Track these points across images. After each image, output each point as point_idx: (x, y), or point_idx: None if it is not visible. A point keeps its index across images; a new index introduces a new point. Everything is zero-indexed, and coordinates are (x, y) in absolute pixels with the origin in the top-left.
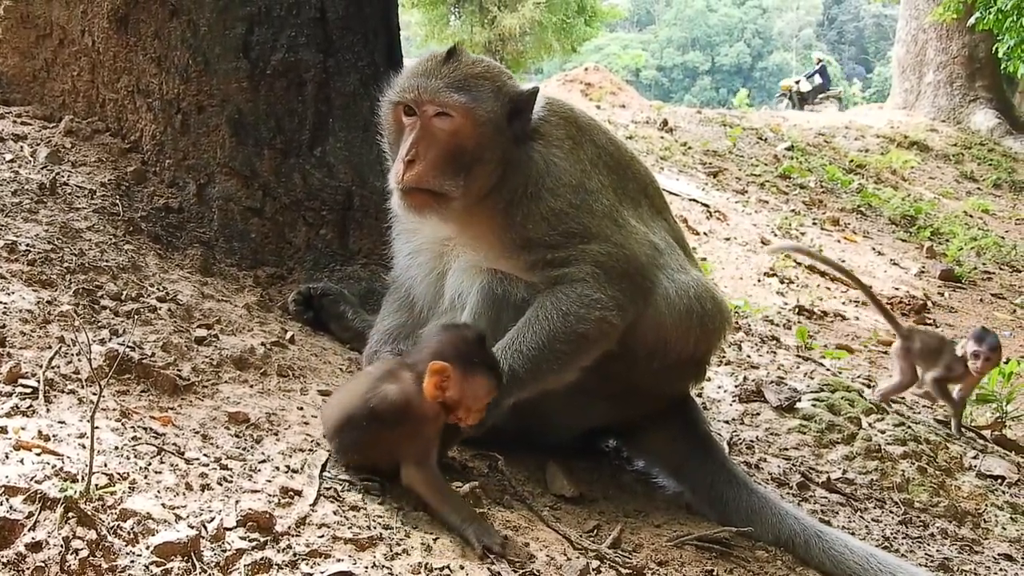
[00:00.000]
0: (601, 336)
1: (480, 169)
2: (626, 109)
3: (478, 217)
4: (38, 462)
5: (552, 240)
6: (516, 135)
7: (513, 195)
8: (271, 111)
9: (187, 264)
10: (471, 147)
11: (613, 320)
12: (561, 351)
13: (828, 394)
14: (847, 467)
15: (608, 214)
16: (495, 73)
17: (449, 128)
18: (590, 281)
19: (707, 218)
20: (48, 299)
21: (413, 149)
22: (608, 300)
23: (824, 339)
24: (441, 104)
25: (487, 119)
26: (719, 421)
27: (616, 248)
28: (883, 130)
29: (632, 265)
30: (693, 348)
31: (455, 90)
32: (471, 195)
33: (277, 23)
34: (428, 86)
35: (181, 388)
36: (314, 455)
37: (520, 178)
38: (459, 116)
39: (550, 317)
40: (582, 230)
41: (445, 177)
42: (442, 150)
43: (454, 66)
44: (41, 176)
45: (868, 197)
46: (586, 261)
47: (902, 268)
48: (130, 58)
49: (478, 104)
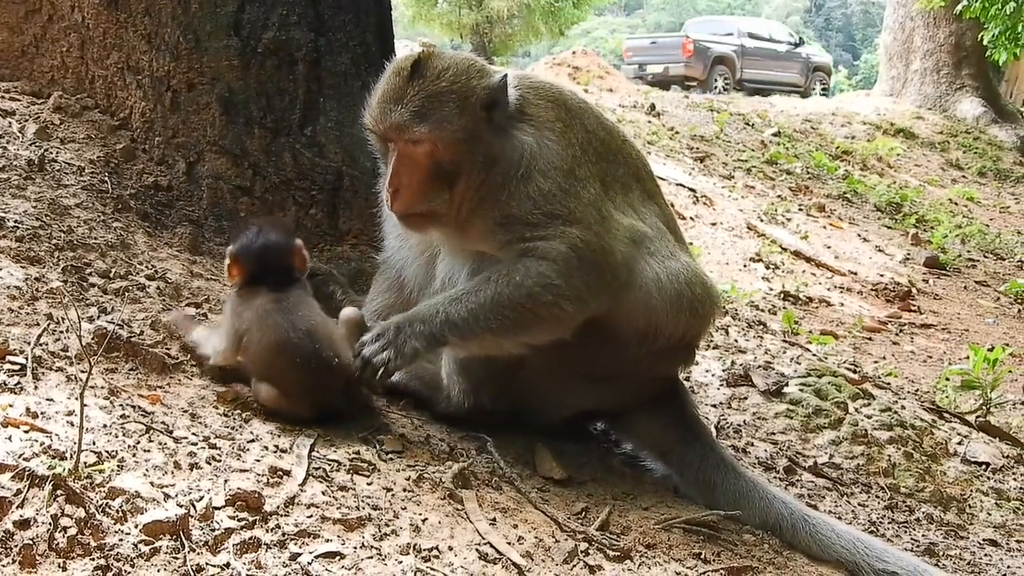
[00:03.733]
0: (550, 319)
1: (465, 178)
2: (614, 93)
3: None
4: (26, 439)
5: (534, 219)
6: (498, 125)
7: (504, 178)
8: (262, 90)
9: (176, 242)
10: (449, 164)
11: (566, 308)
12: (504, 316)
13: (815, 379)
14: (834, 452)
15: (594, 203)
16: (461, 82)
17: (424, 152)
18: (558, 263)
19: (694, 203)
20: (36, 276)
21: (396, 179)
22: (567, 288)
23: (809, 324)
24: (408, 136)
25: (458, 137)
26: (707, 405)
27: (595, 238)
28: (869, 117)
29: (606, 259)
30: (683, 332)
31: (419, 119)
32: (463, 200)
33: (268, 1)
34: (392, 120)
35: (170, 367)
36: (303, 435)
37: (511, 162)
38: (428, 143)
39: (499, 283)
40: (566, 214)
41: (430, 197)
42: (422, 174)
43: (418, 87)
44: (29, 152)
45: (854, 184)
46: (562, 241)
47: (887, 255)
48: (120, 35)
49: (444, 126)
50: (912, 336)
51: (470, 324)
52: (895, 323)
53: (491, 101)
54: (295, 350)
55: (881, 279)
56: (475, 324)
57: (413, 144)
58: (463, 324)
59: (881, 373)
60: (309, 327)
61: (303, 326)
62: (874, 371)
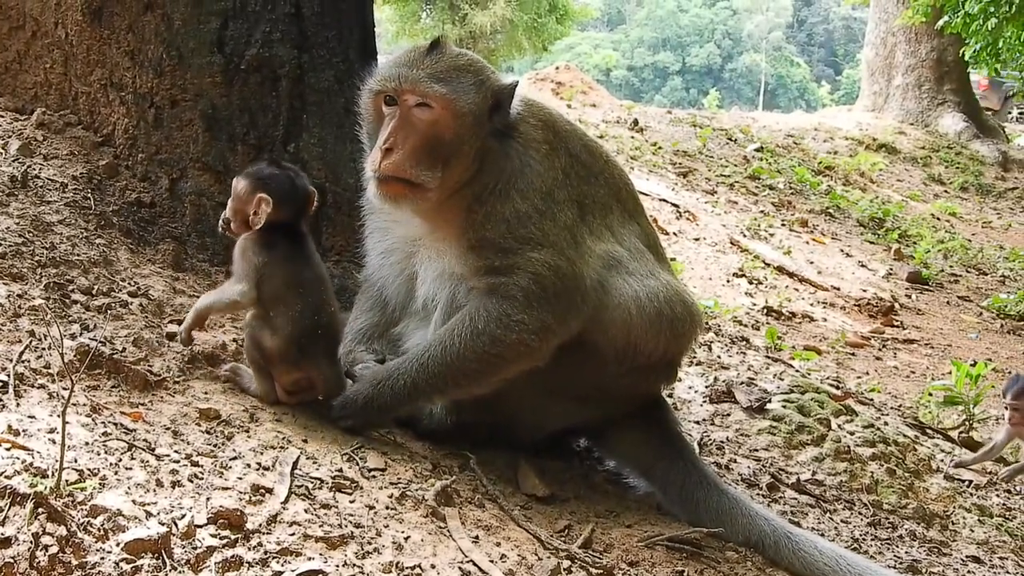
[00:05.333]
0: (518, 355)
1: (457, 162)
2: (597, 108)
3: (446, 213)
4: (8, 457)
5: (505, 243)
6: (496, 129)
7: (483, 191)
8: (245, 106)
9: (159, 259)
10: (450, 138)
11: (531, 343)
12: (472, 369)
13: (798, 395)
14: (817, 468)
15: (568, 228)
16: (478, 66)
17: (429, 119)
18: (519, 299)
19: (677, 218)
20: (19, 293)
21: (392, 138)
22: (532, 322)
23: (792, 340)
24: (422, 94)
25: (467, 111)
26: (690, 422)
27: (565, 263)
28: (852, 132)
29: (575, 284)
30: (663, 351)
31: (436, 81)
32: (446, 187)
33: (252, 18)
34: (409, 76)
35: (152, 384)
36: (285, 452)
37: (493, 175)
38: (439, 107)
39: (463, 335)
40: (539, 236)
41: (422, 167)
42: (421, 140)
43: (436, 58)
44: (12, 169)
45: (836, 199)
46: (525, 272)
47: (870, 270)
48: (104, 51)
49: (459, 96)
50: (895, 351)
51: (438, 386)
52: (878, 338)
53: (498, 101)
54: (305, 290)
55: (864, 294)
56: (443, 385)
57: (421, 108)
58: (430, 388)
59: (864, 389)
60: (321, 276)
61: (316, 272)
62: (857, 386)
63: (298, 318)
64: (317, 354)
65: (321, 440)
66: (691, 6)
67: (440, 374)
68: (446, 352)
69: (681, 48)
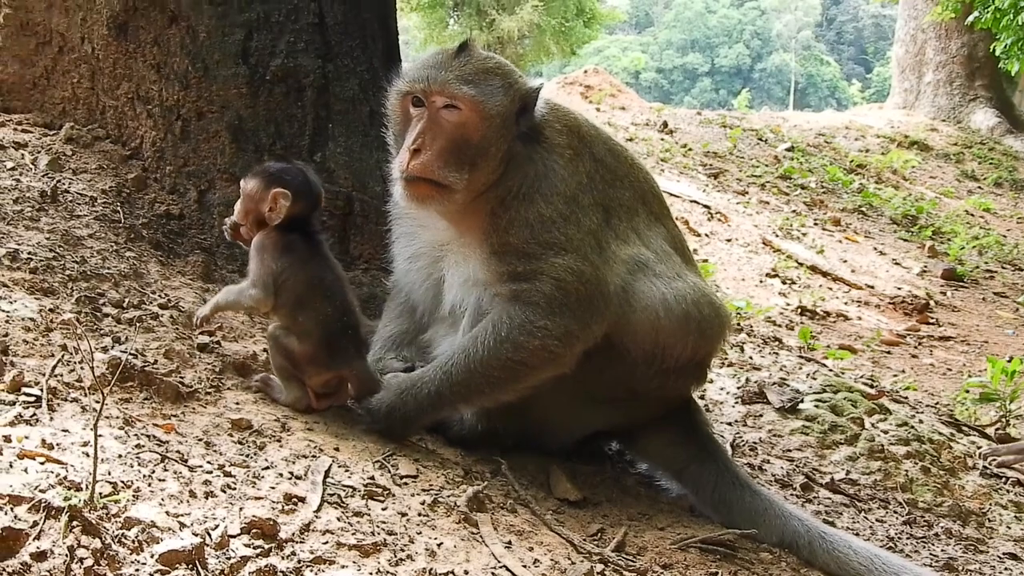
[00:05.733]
0: (543, 362)
1: (484, 164)
2: (626, 111)
3: (471, 217)
4: (42, 471)
5: (528, 248)
6: (522, 132)
7: (507, 194)
8: (271, 117)
9: (188, 271)
10: (477, 140)
11: (555, 349)
12: (496, 377)
13: (831, 395)
14: (850, 468)
15: (593, 232)
16: (506, 70)
17: (457, 120)
18: (542, 306)
19: (708, 219)
20: (50, 307)
21: (420, 139)
22: (555, 327)
23: (827, 339)
24: (450, 96)
25: (495, 113)
26: (722, 423)
27: (589, 268)
28: (883, 130)
29: (598, 289)
30: (692, 352)
31: (464, 83)
32: (472, 189)
33: (276, 29)
34: (438, 77)
35: (184, 395)
36: (317, 461)
37: (517, 179)
38: (467, 109)
39: (487, 344)
40: (562, 241)
41: (449, 168)
42: (448, 141)
43: (465, 60)
44: (42, 184)
45: (869, 197)
46: (549, 278)
47: (904, 268)
48: (130, 65)
49: (487, 98)
50: (931, 349)
51: (463, 394)
52: (913, 336)
53: (524, 104)
54: (328, 291)
55: (898, 292)
56: (468, 393)
57: (448, 109)
58: (455, 396)
59: (899, 387)
60: (340, 275)
61: (336, 272)
62: (892, 385)
63: (326, 320)
64: (347, 353)
65: (352, 448)
66: (719, 7)
67: (464, 382)
68: (469, 360)
69: (710, 49)
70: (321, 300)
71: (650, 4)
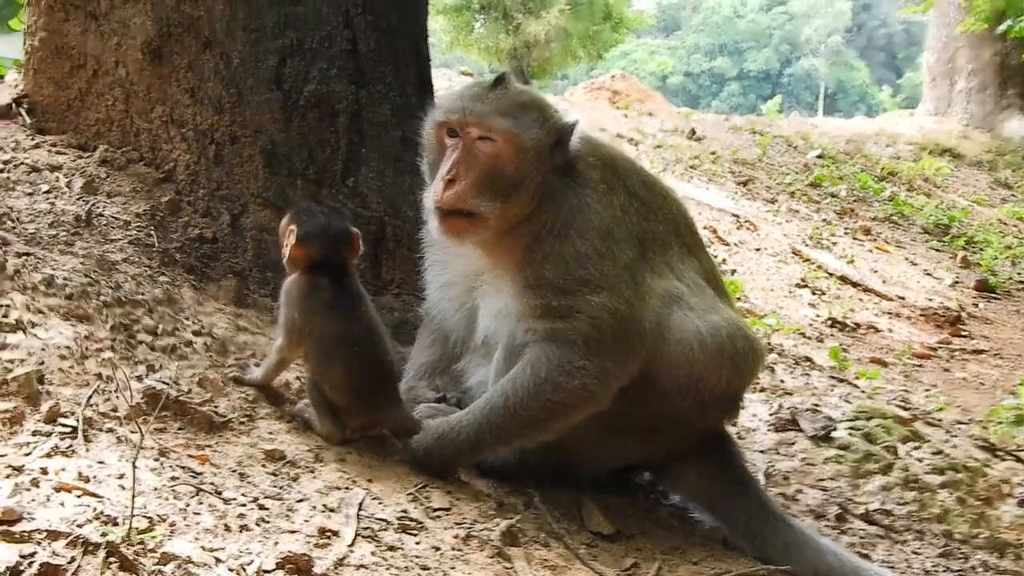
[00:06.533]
0: (581, 402)
1: (518, 196)
2: (653, 117)
3: (506, 249)
4: (79, 505)
5: (564, 284)
6: (556, 166)
7: (541, 229)
8: (304, 142)
9: (221, 296)
10: (511, 173)
11: (594, 388)
12: (535, 418)
13: (864, 422)
14: (885, 498)
15: (628, 267)
16: (541, 104)
17: (491, 152)
18: (579, 345)
19: (737, 228)
20: (85, 334)
21: (454, 169)
22: (593, 367)
23: (857, 352)
24: (486, 128)
25: (530, 146)
26: (754, 451)
27: (624, 306)
28: (914, 137)
29: (633, 328)
30: (726, 386)
31: (500, 115)
32: (505, 220)
33: (309, 55)
34: (474, 109)
35: (218, 425)
36: (351, 493)
37: (551, 213)
38: (502, 141)
39: (526, 385)
40: (598, 278)
41: (483, 198)
42: (482, 173)
43: (501, 93)
44: (77, 207)
45: (900, 205)
46: (585, 317)
47: (936, 279)
48: (164, 89)
49: (522, 131)
50: (964, 362)
51: (502, 436)
52: (945, 349)
53: (559, 139)
54: (358, 344)
55: (930, 303)
56: (507, 435)
57: (484, 141)
58: (494, 439)
59: (932, 407)
60: (371, 323)
61: (365, 321)
62: (924, 402)
63: (356, 374)
64: (381, 402)
65: (386, 480)
66: (747, 11)
67: (504, 424)
68: (508, 402)
69: (738, 53)
70: (349, 354)
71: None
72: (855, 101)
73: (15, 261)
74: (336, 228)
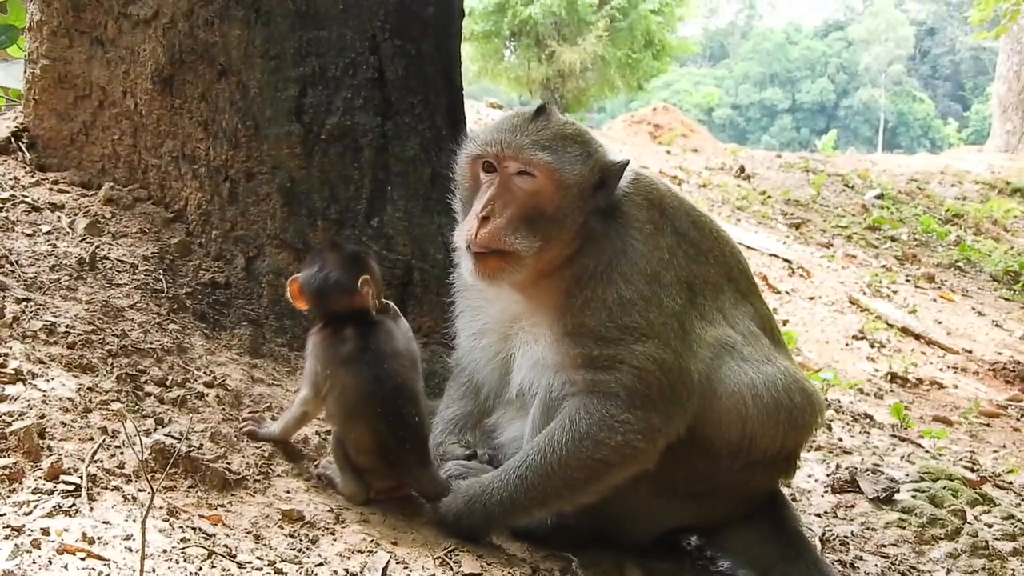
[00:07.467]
0: (624, 460)
1: (558, 236)
2: (698, 154)
3: (544, 294)
4: (83, 568)
5: (606, 332)
6: (599, 207)
7: (583, 273)
8: (325, 179)
9: (235, 344)
10: (551, 211)
11: (639, 444)
12: (574, 478)
13: (929, 483)
14: (951, 566)
15: (676, 314)
16: (586, 138)
17: (530, 188)
18: (622, 398)
19: (789, 275)
20: (89, 385)
21: (489, 206)
22: (637, 422)
23: (920, 410)
24: (524, 162)
25: (572, 183)
26: (810, 514)
27: (671, 356)
28: (983, 175)
29: (680, 380)
30: (781, 444)
31: (541, 149)
32: (543, 260)
33: (332, 84)
34: (512, 142)
35: (231, 483)
36: (374, 557)
37: (594, 256)
38: (542, 176)
39: (564, 442)
40: (643, 326)
41: (519, 236)
42: (520, 210)
43: (542, 124)
44: (80, 250)
45: (967, 251)
46: (629, 368)
47: (1005, 330)
48: (175, 121)
49: (564, 166)
50: None
51: (539, 499)
52: (1016, 407)
53: (604, 178)
54: (383, 402)
55: (999, 357)
56: (544, 498)
57: (522, 176)
58: (530, 502)
59: (1001, 469)
60: (399, 380)
61: (392, 377)
62: (993, 463)
63: (381, 436)
64: (407, 466)
65: (412, 542)
66: (801, 37)
67: (540, 486)
68: (546, 461)
69: (791, 84)
70: (372, 413)
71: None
72: (918, 136)
73: (14, 307)
74: (332, 279)
